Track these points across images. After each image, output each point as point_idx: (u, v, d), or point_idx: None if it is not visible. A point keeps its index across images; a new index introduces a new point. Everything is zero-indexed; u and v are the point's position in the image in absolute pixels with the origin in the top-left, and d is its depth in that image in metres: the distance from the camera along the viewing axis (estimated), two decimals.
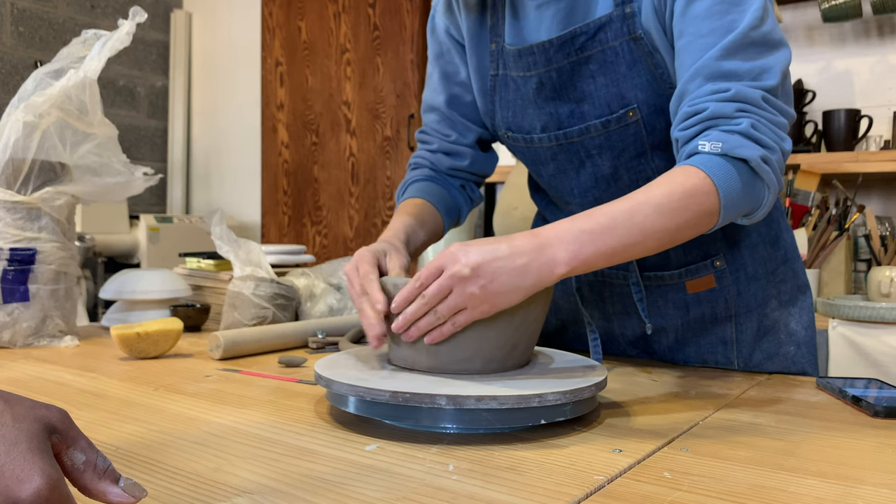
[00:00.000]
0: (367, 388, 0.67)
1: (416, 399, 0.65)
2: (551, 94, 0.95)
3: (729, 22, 0.78)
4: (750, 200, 0.77)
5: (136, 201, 3.82)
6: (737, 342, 1.00)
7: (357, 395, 0.68)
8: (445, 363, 0.73)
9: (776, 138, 0.77)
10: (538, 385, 0.68)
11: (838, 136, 2.26)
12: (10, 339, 1.14)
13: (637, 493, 0.53)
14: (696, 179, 0.74)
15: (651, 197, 0.73)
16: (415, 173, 1.10)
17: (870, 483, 0.56)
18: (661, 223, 0.72)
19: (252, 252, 1.27)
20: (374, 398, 0.66)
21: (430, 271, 0.70)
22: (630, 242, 0.72)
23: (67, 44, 1.18)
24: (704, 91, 0.78)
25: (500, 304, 0.69)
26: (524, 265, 0.69)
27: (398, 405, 0.66)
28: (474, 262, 0.68)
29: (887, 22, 2.38)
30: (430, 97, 1.10)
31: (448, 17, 1.07)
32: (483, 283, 0.68)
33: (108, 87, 3.73)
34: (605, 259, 0.72)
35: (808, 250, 2.10)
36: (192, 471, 0.57)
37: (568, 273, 0.70)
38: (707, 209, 0.74)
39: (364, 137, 3.34)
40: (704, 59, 0.79)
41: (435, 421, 0.67)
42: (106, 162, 1.22)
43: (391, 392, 0.66)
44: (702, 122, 0.77)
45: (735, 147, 0.74)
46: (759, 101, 0.76)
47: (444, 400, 0.64)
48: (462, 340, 0.72)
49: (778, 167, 0.77)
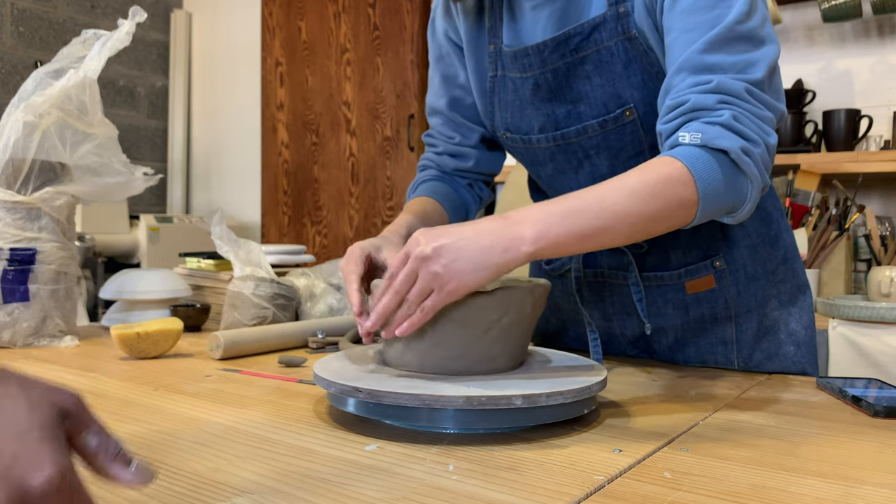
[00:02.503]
0: (368, 389, 0.67)
1: (416, 400, 0.65)
2: (547, 95, 0.95)
3: (715, 16, 0.78)
4: (732, 194, 0.75)
5: (136, 201, 3.82)
6: (737, 342, 1.00)
7: (356, 398, 0.68)
8: (434, 363, 0.73)
9: (759, 131, 0.75)
10: (538, 385, 0.68)
11: (838, 136, 2.26)
12: (10, 339, 1.14)
13: (637, 493, 0.53)
14: (671, 168, 0.73)
15: (625, 183, 0.72)
16: (422, 175, 1.11)
17: (870, 483, 0.56)
18: (634, 208, 0.71)
19: (252, 252, 1.27)
20: (374, 399, 0.66)
21: (398, 260, 0.70)
22: (601, 226, 0.71)
23: (67, 44, 1.18)
24: (687, 84, 0.77)
25: (466, 282, 0.67)
26: (489, 243, 0.68)
27: (398, 406, 0.66)
28: (437, 243, 0.67)
29: (887, 22, 2.38)
30: (433, 100, 1.11)
31: (447, 20, 1.07)
32: (446, 261, 0.67)
33: (108, 87, 3.73)
34: (575, 241, 0.70)
35: (808, 250, 2.10)
36: (192, 471, 0.57)
37: (535, 252, 0.69)
38: (683, 198, 0.73)
39: (364, 137, 3.34)
40: (688, 52, 0.78)
41: (435, 421, 0.67)
42: (106, 162, 1.22)
43: (389, 393, 0.65)
44: (683, 115, 0.77)
45: (714, 138, 0.73)
46: (742, 93, 0.75)
47: (445, 400, 0.64)
48: (447, 338, 0.72)
49: (761, 161, 0.75)
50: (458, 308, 0.70)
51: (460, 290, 0.67)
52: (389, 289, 0.70)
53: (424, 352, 0.73)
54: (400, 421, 0.69)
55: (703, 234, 0.98)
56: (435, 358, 0.73)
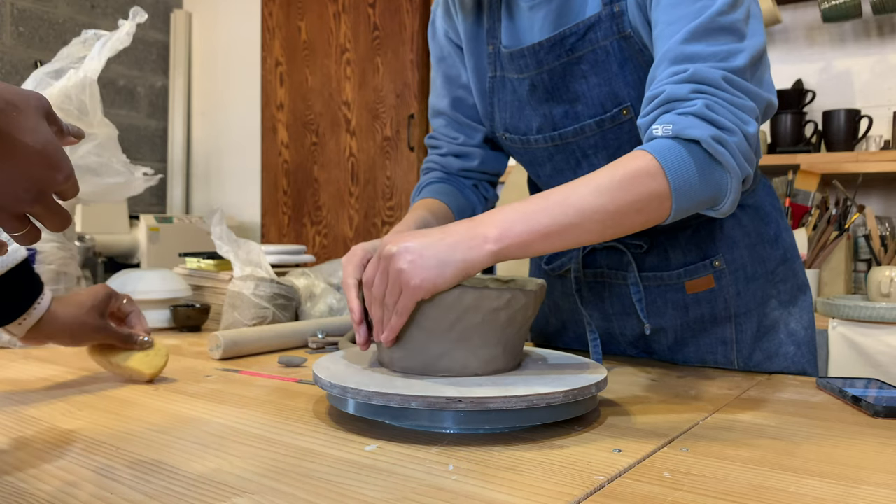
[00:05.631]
0: (367, 390, 0.67)
1: (416, 400, 0.65)
2: (545, 96, 0.95)
3: (698, 8, 0.77)
4: (708, 186, 0.73)
5: (136, 201, 3.81)
6: (736, 342, 1.00)
7: (356, 398, 0.68)
8: (424, 364, 0.73)
9: (736, 120, 0.73)
10: (538, 385, 0.68)
11: (838, 136, 2.26)
12: (11, 339, 1.14)
13: (637, 493, 0.53)
14: (640, 161, 0.72)
15: (591, 179, 0.72)
16: (427, 177, 1.11)
17: (870, 483, 0.56)
18: (599, 203, 0.70)
19: (252, 252, 1.27)
20: (374, 400, 0.66)
21: (372, 264, 0.72)
22: (566, 223, 0.70)
23: (67, 44, 1.18)
24: (666, 74, 0.77)
25: (429, 277, 0.67)
26: (454, 241, 0.69)
27: (398, 406, 0.66)
28: (403, 243, 0.69)
29: (887, 22, 2.38)
30: (435, 101, 1.11)
31: (447, 21, 1.07)
32: (411, 257, 0.68)
33: (108, 87, 3.73)
34: (541, 239, 0.70)
35: (808, 250, 2.10)
36: (192, 471, 0.57)
37: (500, 251, 0.69)
38: (653, 192, 0.71)
39: (364, 137, 3.34)
40: (670, 43, 0.78)
41: (435, 421, 0.67)
42: (106, 162, 1.22)
43: (389, 394, 0.65)
44: (659, 107, 0.76)
45: (685, 128, 0.72)
46: (719, 81, 0.74)
47: (444, 401, 0.64)
48: (431, 339, 0.72)
49: (738, 150, 0.73)
50: (442, 306, 0.70)
51: (425, 284, 0.68)
52: (374, 300, 0.72)
53: (414, 352, 0.73)
54: (400, 421, 0.69)
55: (703, 234, 0.98)
56: (424, 358, 0.73)
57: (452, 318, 0.71)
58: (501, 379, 0.72)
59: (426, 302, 0.70)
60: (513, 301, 0.72)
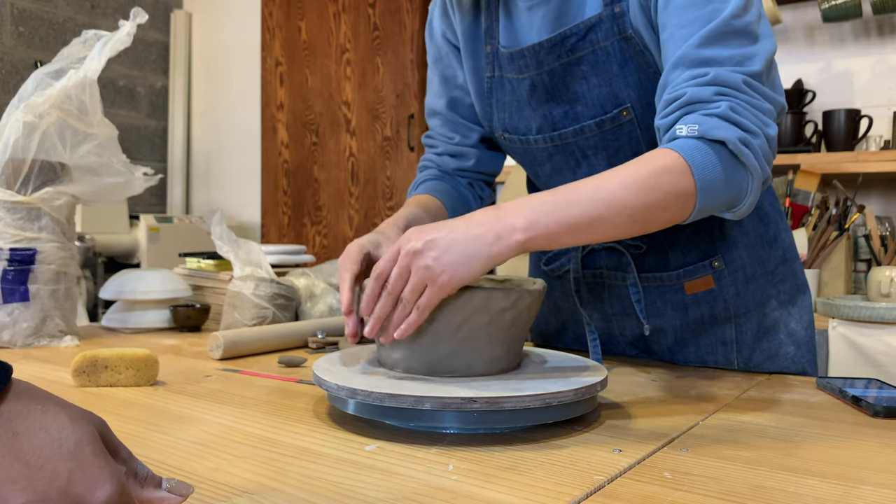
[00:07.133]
0: (367, 390, 0.67)
1: (416, 400, 0.65)
2: (544, 96, 0.95)
3: (710, 11, 0.77)
4: (731, 186, 0.74)
5: (136, 201, 3.82)
6: (736, 342, 1.00)
7: (356, 398, 0.68)
8: (429, 364, 0.72)
9: (759, 122, 0.74)
10: (538, 385, 0.68)
11: (838, 136, 2.26)
12: (10, 339, 1.14)
13: (637, 493, 0.53)
14: (668, 159, 0.72)
15: (620, 173, 0.71)
16: (423, 175, 1.11)
17: (870, 483, 0.56)
18: (629, 199, 0.70)
19: (252, 252, 1.27)
20: (374, 400, 0.66)
21: (388, 257, 0.69)
22: (595, 215, 0.69)
23: (67, 44, 1.18)
24: (684, 78, 0.77)
25: (458, 274, 0.66)
26: (480, 233, 0.67)
27: (398, 406, 0.66)
28: (428, 237, 0.67)
29: (887, 22, 2.38)
30: (432, 101, 1.11)
31: (444, 21, 1.07)
32: (436, 254, 0.66)
33: (108, 87, 3.73)
34: (569, 231, 0.69)
35: (808, 250, 2.10)
36: (192, 471, 0.57)
37: (527, 241, 0.67)
38: (680, 190, 0.71)
39: (364, 137, 3.34)
40: (685, 47, 0.77)
41: (435, 421, 0.67)
42: (106, 162, 1.22)
43: (389, 394, 0.65)
44: (681, 108, 0.76)
45: (711, 129, 0.72)
46: (740, 85, 0.75)
47: (444, 401, 0.64)
48: (441, 338, 0.71)
49: (761, 152, 0.74)
50: (450, 307, 0.70)
51: (453, 282, 0.66)
52: (384, 292, 0.69)
53: (419, 352, 0.73)
54: (400, 421, 0.69)
55: (702, 234, 0.98)
56: (430, 358, 0.72)
57: (460, 318, 0.70)
58: (509, 378, 0.72)
59: None
60: (519, 301, 0.72)
